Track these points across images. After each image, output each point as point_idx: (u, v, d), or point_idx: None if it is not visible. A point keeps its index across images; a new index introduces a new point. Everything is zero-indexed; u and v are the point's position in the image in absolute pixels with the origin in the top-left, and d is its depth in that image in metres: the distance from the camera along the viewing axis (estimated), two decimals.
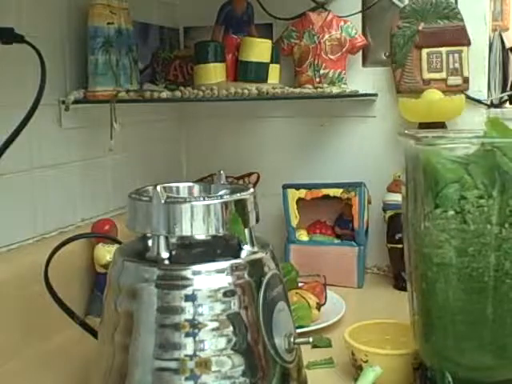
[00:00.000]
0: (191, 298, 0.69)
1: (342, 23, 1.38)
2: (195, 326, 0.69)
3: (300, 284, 1.19)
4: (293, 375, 0.75)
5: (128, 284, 0.72)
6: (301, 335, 0.78)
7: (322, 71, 1.37)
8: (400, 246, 1.02)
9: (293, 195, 1.35)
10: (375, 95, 1.39)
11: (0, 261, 0.97)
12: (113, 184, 1.28)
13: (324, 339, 1.01)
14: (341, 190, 1.33)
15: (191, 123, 1.54)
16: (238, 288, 0.71)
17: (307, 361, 0.90)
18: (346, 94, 1.33)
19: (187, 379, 0.68)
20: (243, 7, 1.30)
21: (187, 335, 0.69)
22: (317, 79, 1.38)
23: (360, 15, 1.39)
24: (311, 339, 0.77)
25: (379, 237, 1.35)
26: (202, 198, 0.72)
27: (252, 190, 0.76)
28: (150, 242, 0.74)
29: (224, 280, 0.70)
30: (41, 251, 0.91)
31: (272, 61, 1.28)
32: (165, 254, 0.72)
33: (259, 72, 1.26)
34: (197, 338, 0.69)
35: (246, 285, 0.71)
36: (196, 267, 0.70)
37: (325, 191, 1.34)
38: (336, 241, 1.34)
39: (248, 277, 0.71)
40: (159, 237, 0.72)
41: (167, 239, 0.72)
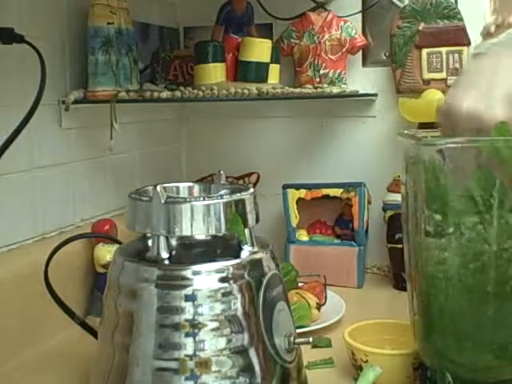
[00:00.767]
0: (191, 298, 0.69)
1: (342, 23, 1.38)
2: (195, 326, 0.69)
3: (300, 284, 1.19)
4: (293, 375, 0.75)
5: (128, 284, 0.72)
6: (301, 335, 0.78)
7: (322, 71, 1.37)
8: (400, 246, 1.02)
9: (293, 195, 1.35)
10: (375, 95, 1.39)
11: (0, 261, 0.97)
12: (113, 184, 1.28)
13: (324, 339, 1.01)
14: (341, 190, 1.33)
15: (191, 123, 1.55)
16: (238, 288, 0.71)
17: (307, 361, 0.90)
18: (346, 94, 1.33)
19: (187, 379, 0.68)
20: (243, 7, 1.30)
21: (187, 335, 0.69)
22: (317, 79, 1.38)
23: (360, 15, 1.39)
24: (311, 339, 0.77)
25: (379, 237, 1.35)
26: (202, 198, 0.72)
27: (252, 190, 0.76)
28: (150, 242, 0.74)
29: (224, 280, 0.70)
30: (41, 251, 0.91)
31: (272, 61, 1.28)
32: (165, 254, 0.72)
33: (259, 72, 1.26)
34: (197, 338, 0.69)
35: (246, 285, 0.71)
36: (196, 267, 0.70)
37: (325, 191, 1.34)
38: (336, 241, 1.34)
39: (248, 277, 0.71)
40: (159, 237, 0.72)
41: (167, 239, 0.72)
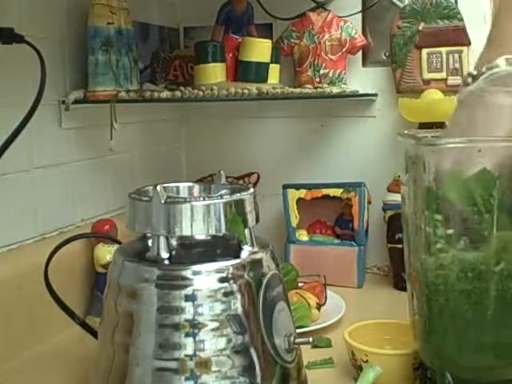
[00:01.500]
0: (191, 298, 0.69)
1: (342, 23, 1.38)
2: (195, 326, 0.69)
3: (300, 284, 1.19)
4: (293, 375, 0.75)
5: (128, 284, 0.72)
6: (301, 335, 0.78)
7: (322, 71, 1.37)
8: (400, 246, 1.02)
9: (293, 195, 1.35)
10: (375, 95, 1.39)
11: (0, 261, 0.97)
12: (113, 184, 1.28)
13: (324, 339, 1.01)
14: (341, 190, 1.32)
15: (191, 123, 1.55)
16: (238, 288, 0.70)
17: (307, 361, 0.90)
18: (346, 94, 1.33)
19: (187, 379, 0.68)
20: (243, 7, 1.30)
21: (187, 335, 0.69)
22: (317, 79, 1.38)
23: (360, 15, 1.39)
24: (311, 339, 0.77)
25: (379, 237, 1.35)
26: (202, 198, 0.72)
27: (252, 190, 0.76)
28: (150, 242, 0.74)
29: (224, 280, 0.70)
30: (41, 251, 0.91)
31: (272, 61, 1.28)
32: (165, 254, 0.72)
33: (259, 72, 1.26)
34: (197, 338, 0.69)
35: (246, 285, 0.71)
36: (196, 267, 0.70)
37: (325, 191, 1.34)
38: (336, 241, 1.34)
39: (248, 277, 0.71)
40: (159, 237, 0.72)
41: (167, 239, 0.72)
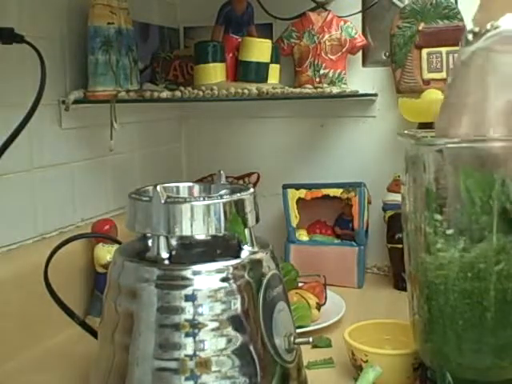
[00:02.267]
0: (191, 298, 0.69)
1: (342, 23, 1.38)
2: (195, 326, 0.69)
3: (300, 284, 1.19)
4: (293, 375, 0.75)
5: (128, 284, 0.72)
6: (301, 335, 0.78)
7: (322, 71, 1.37)
8: (400, 246, 1.02)
9: (293, 195, 1.35)
10: (375, 95, 1.39)
11: (0, 261, 0.97)
12: (113, 184, 1.28)
13: (324, 339, 1.01)
14: (341, 190, 1.32)
15: (191, 123, 1.55)
16: (238, 288, 0.71)
17: (307, 361, 0.90)
18: (346, 94, 1.33)
19: (187, 379, 0.68)
20: (243, 7, 1.30)
21: (187, 335, 0.69)
22: (317, 79, 1.38)
23: (360, 15, 1.39)
24: (311, 339, 0.77)
25: (379, 237, 1.35)
26: (202, 198, 0.72)
27: (252, 190, 0.76)
28: (150, 242, 0.74)
29: (224, 280, 0.70)
30: (41, 251, 0.91)
31: (272, 61, 1.28)
32: (165, 254, 0.72)
33: (259, 72, 1.26)
34: (197, 338, 0.69)
35: (246, 285, 0.71)
36: (196, 267, 0.70)
37: (325, 191, 1.34)
38: (336, 241, 1.34)
39: (248, 277, 0.71)
40: (159, 237, 0.72)
41: (167, 239, 0.72)
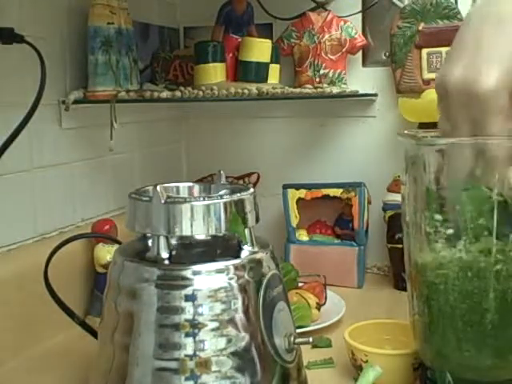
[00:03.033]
0: (191, 298, 0.69)
1: (342, 23, 1.38)
2: (195, 326, 0.69)
3: (300, 284, 1.19)
4: (293, 375, 0.75)
5: (128, 284, 0.72)
6: (301, 335, 0.78)
7: (322, 71, 1.37)
8: (400, 246, 1.02)
9: (293, 195, 1.35)
10: (375, 95, 1.39)
11: (0, 261, 0.97)
12: (113, 184, 1.28)
13: (324, 339, 1.01)
14: (341, 190, 1.32)
15: (191, 123, 1.55)
16: (238, 288, 0.70)
17: (307, 361, 0.90)
18: (346, 94, 1.33)
19: (187, 379, 0.68)
20: (243, 7, 1.30)
21: (187, 335, 0.69)
22: (317, 79, 1.38)
23: (360, 15, 1.39)
24: (311, 339, 0.77)
25: (379, 237, 1.35)
26: (202, 198, 0.72)
27: (252, 190, 0.76)
28: (150, 242, 0.74)
29: (224, 280, 0.70)
30: (41, 251, 0.91)
31: (272, 61, 1.28)
32: (165, 254, 0.72)
33: (259, 72, 1.26)
34: (197, 338, 0.69)
35: (246, 285, 0.71)
36: (196, 267, 0.70)
37: (325, 191, 1.34)
38: (336, 241, 1.34)
39: (248, 277, 0.71)
40: (159, 237, 0.72)
41: (167, 239, 0.72)
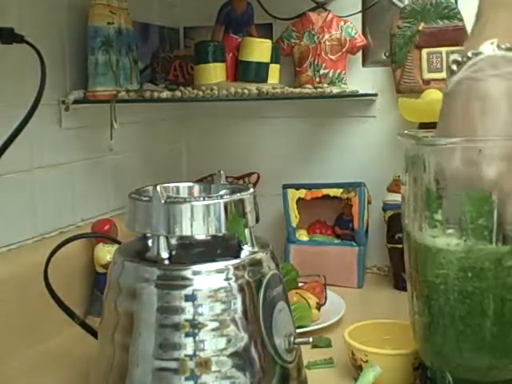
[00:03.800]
0: (191, 298, 0.69)
1: (342, 23, 1.38)
2: (195, 326, 0.69)
3: (300, 284, 1.19)
4: (293, 375, 0.75)
5: (128, 284, 0.72)
6: (301, 335, 0.78)
7: (322, 71, 1.37)
8: (400, 246, 1.02)
9: (293, 195, 1.35)
10: (375, 95, 1.39)
11: (0, 261, 0.97)
12: (113, 184, 1.28)
13: (324, 339, 1.01)
14: (341, 190, 1.32)
15: (191, 123, 1.54)
16: (238, 288, 0.70)
17: (307, 361, 0.90)
18: (346, 94, 1.33)
19: (187, 379, 0.68)
20: (243, 7, 1.30)
21: (187, 335, 0.69)
22: (317, 79, 1.38)
23: (360, 15, 1.39)
24: (311, 339, 0.77)
25: (379, 237, 1.35)
26: (202, 198, 0.72)
27: (252, 190, 0.76)
28: (150, 242, 0.74)
29: (224, 280, 0.70)
30: (41, 251, 0.91)
31: (272, 61, 1.28)
32: (165, 254, 0.72)
33: (259, 72, 1.26)
34: (197, 338, 0.69)
35: (246, 285, 0.71)
36: (196, 267, 0.70)
37: (325, 191, 1.34)
38: (336, 241, 1.34)
39: (248, 277, 0.71)
40: (159, 237, 0.72)
41: (167, 239, 0.72)
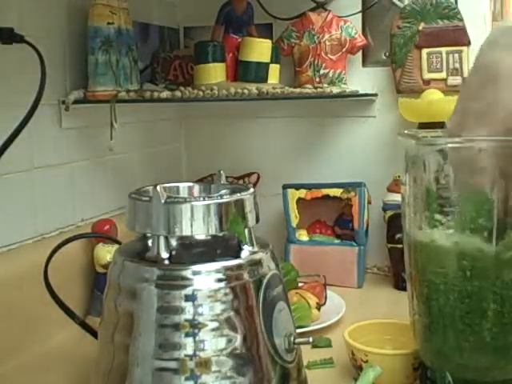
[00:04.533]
0: (191, 298, 0.69)
1: (342, 23, 1.38)
2: (195, 326, 0.69)
3: (300, 284, 1.19)
4: (293, 375, 0.75)
5: (128, 284, 0.72)
6: (301, 335, 0.78)
7: (322, 71, 1.37)
8: (400, 246, 1.02)
9: (293, 195, 1.35)
10: (375, 95, 1.39)
11: (0, 261, 0.97)
12: (113, 184, 1.28)
13: (324, 339, 1.01)
14: (341, 190, 1.33)
15: (191, 123, 1.55)
16: (238, 288, 0.70)
17: (307, 361, 0.90)
18: (346, 94, 1.33)
19: (187, 379, 0.68)
20: (243, 7, 1.30)
21: (187, 335, 0.69)
22: (317, 79, 1.38)
23: (360, 15, 1.39)
24: (311, 339, 0.77)
25: (379, 237, 1.35)
26: (202, 198, 0.72)
27: (252, 190, 0.76)
28: (150, 242, 0.74)
29: (224, 280, 0.70)
30: (41, 251, 0.91)
31: (272, 61, 1.28)
32: (165, 254, 0.72)
33: (259, 72, 1.26)
34: (197, 338, 0.69)
35: (246, 285, 0.71)
36: (196, 267, 0.70)
37: (325, 191, 1.34)
38: (336, 241, 1.34)
39: (248, 277, 0.71)
40: (159, 237, 0.72)
41: (167, 239, 0.72)
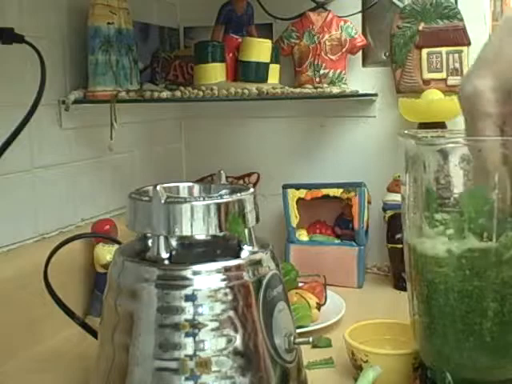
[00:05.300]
0: (191, 298, 0.69)
1: (342, 23, 1.38)
2: (195, 326, 0.69)
3: (300, 284, 1.19)
4: (293, 375, 0.75)
5: (128, 284, 0.72)
6: (301, 335, 0.78)
7: (322, 71, 1.37)
8: (400, 246, 1.02)
9: (293, 195, 1.35)
10: (375, 95, 1.39)
11: (0, 261, 0.97)
12: (113, 184, 1.28)
13: (324, 339, 1.01)
14: (341, 190, 1.32)
15: (191, 123, 1.55)
16: (238, 288, 0.70)
17: (307, 361, 0.90)
18: (346, 94, 1.33)
19: (187, 379, 0.68)
20: (243, 7, 1.30)
21: (187, 335, 0.69)
22: (317, 79, 1.38)
23: (360, 15, 1.39)
24: (311, 339, 0.77)
25: (379, 237, 1.35)
26: (202, 198, 0.72)
27: (252, 190, 0.76)
28: (150, 242, 0.74)
29: (224, 280, 0.70)
30: (41, 251, 0.91)
31: (272, 61, 1.28)
32: (165, 254, 0.72)
33: (259, 72, 1.26)
34: (197, 338, 0.69)
35: (246, 285, 0.71)
36: (196, 267, 0.70)
37: (325, 191, 1.34)
38: (336, 241, 1.34)
39: (248, 277, 0.71)
40: (159, 237, 0.72)
41: (167, 239, 0.72)
